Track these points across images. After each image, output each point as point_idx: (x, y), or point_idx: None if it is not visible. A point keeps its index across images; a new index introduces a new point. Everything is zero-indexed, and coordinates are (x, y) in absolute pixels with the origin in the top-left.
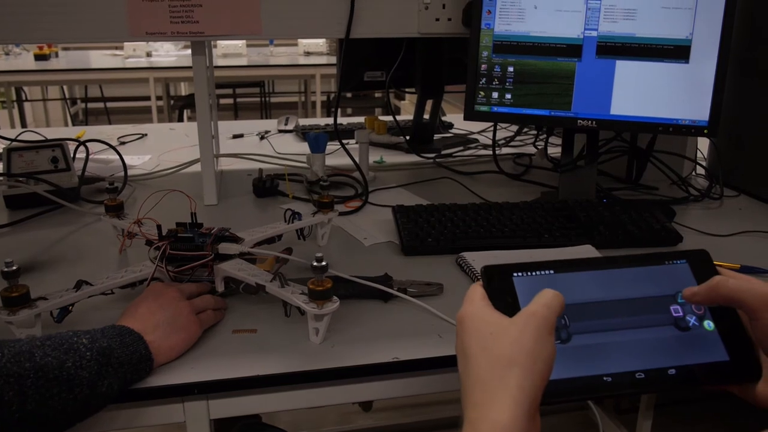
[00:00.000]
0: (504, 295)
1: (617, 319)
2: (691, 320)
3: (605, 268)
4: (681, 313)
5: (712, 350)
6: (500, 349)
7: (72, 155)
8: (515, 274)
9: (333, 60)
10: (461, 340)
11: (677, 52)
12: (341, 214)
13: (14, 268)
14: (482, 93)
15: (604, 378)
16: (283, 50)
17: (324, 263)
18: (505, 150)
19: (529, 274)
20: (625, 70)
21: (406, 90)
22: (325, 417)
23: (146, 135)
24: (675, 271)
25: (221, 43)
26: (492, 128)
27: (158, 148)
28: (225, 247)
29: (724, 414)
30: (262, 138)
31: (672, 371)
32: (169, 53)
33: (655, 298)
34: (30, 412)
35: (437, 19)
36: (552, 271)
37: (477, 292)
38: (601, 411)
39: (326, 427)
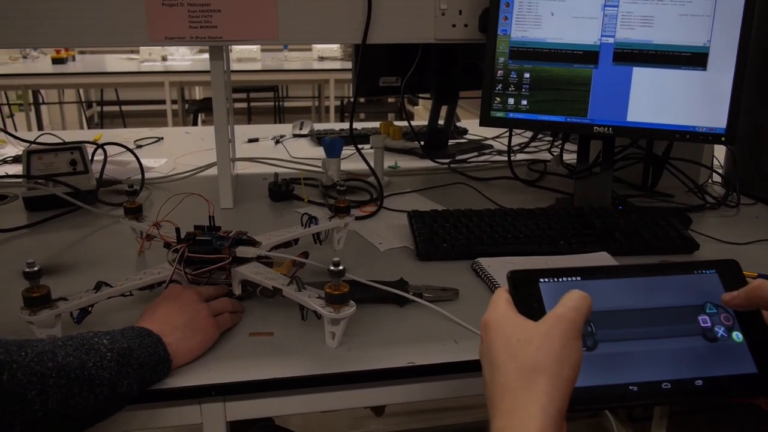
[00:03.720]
0: (530, 301)
1: (644, 328)
2: (720, 331)
3: (633, 276)
4: (709, 324)
5: (740, 362)
6: (527, 356)
7: (90, 158)
8: (542, 280)
9: (347, 65)
10: (487, 346)
11: (695, 59)
12: (356, 218)
13: (36, 269)
14: (498, 99)
15: (630, 387)
16: (297, 55)
17: (341, 267)
18: (520, 156)
19: (555, 280)
20: (641, 76)
21: (421, 95)
22: (337, 421)
23: (162, 138)
24: (704, 281)
25: (236, 47)
26: (507, 134)
27: (174, 152)
28: (242, 251)
29: (739, 423)
30: (277, 142)
31: (699, 382)
32: (185, 57)
33: (684, 308)
34: (52, 410)
35: (453, 25)
36: (579, 278)
37: (502, 296)
38: (615, 418)
39: (338, 431)
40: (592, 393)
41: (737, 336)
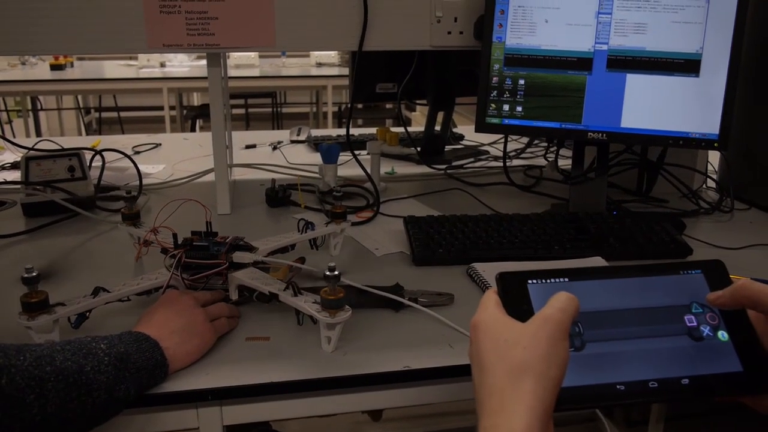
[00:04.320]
0: (519, 303)
1: (631, 328)
2: (705, 330)
3: (620, 277)
4: (695, 323)
5: (726, 361)
6: (514, 356)
7: (88, 164)
8: (530, 282)
9: (345, 71)
10: (476, 347)
11: (687, 65)
12: (353, 224)
13: (34, 274)
14: (493, 105)
15: (618, 386)
16: (295, 61)
17: (337, 272)
18: (516, 162)
19: (543, 281)
20: (635, 83)
21: (418, 102)
22: (334, 427)
23: (160, 145)
24: (690, 281)
25: (234, 54)
26: (503, 140)
27: (172, 158)
28: (239, 256)
29: (735, 427)
30: (274, 148)
31: (685, 381)
32: (183, 64)
33: (670, 308)
34: (50, 414)
35: (449, 33)
36: (567, 279)
37: (491, 298)
38: (611, 423)
39: None
40: (580, 392)
41: (723, 335)
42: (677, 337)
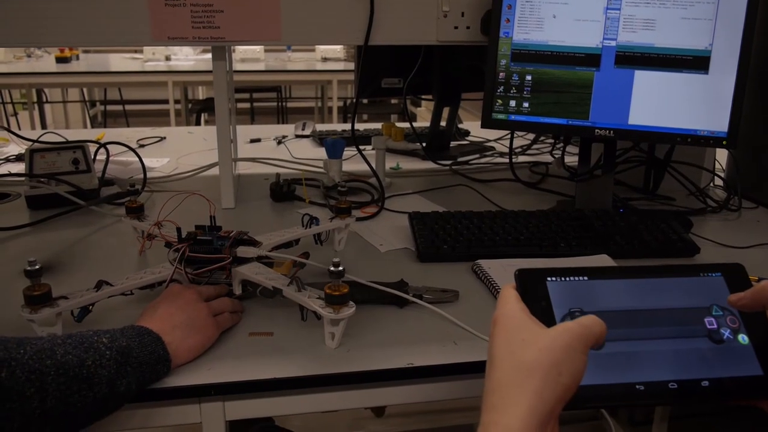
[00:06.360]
0: (538, 299)
1: (651, 328)
2: (726, 333)
3: (639, 278)
4: (715, 326)
5: (746, 364)
6: (526, 356)
7: (92, 157)
8: (549, 279)
9: (350, 66)
10: (491, 341)
11: (696, 62)
12: (357, 219)
13: (37, 267)
14: (500, 101)
15: (637, 386)
16: (301, 56)
17: (341, 268)
18: (522, 158)
19: (562, 279)
20: (643, 80)
21: (423, 97)
22: (337, 422)
23: (165, 138)
24: (710, 284)
25: (239, 48)
26: (509, 136)
27: (177, 152)
28: (243, 251)
29: (737, 427)
30: (279, 143)
31: (705, 383)
32: (188, 57)
33: (690, 310)
34: (51, 408)
35: (456, 27)
36: (586, 278)
37: (512, 294)
38: (615, 422)
39: None
40: (599, 391)
41: (743, 338)
42: (697, 339)
